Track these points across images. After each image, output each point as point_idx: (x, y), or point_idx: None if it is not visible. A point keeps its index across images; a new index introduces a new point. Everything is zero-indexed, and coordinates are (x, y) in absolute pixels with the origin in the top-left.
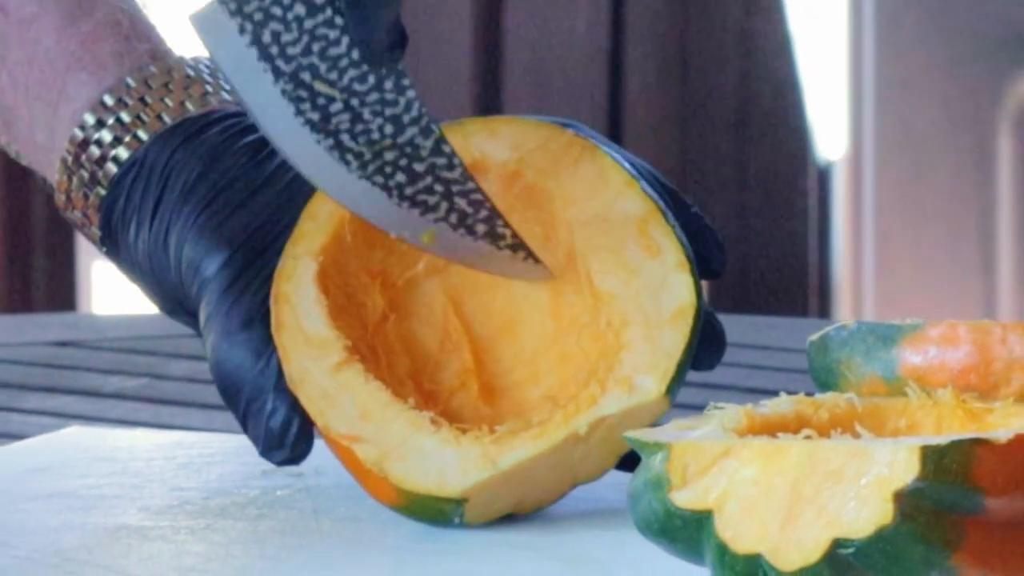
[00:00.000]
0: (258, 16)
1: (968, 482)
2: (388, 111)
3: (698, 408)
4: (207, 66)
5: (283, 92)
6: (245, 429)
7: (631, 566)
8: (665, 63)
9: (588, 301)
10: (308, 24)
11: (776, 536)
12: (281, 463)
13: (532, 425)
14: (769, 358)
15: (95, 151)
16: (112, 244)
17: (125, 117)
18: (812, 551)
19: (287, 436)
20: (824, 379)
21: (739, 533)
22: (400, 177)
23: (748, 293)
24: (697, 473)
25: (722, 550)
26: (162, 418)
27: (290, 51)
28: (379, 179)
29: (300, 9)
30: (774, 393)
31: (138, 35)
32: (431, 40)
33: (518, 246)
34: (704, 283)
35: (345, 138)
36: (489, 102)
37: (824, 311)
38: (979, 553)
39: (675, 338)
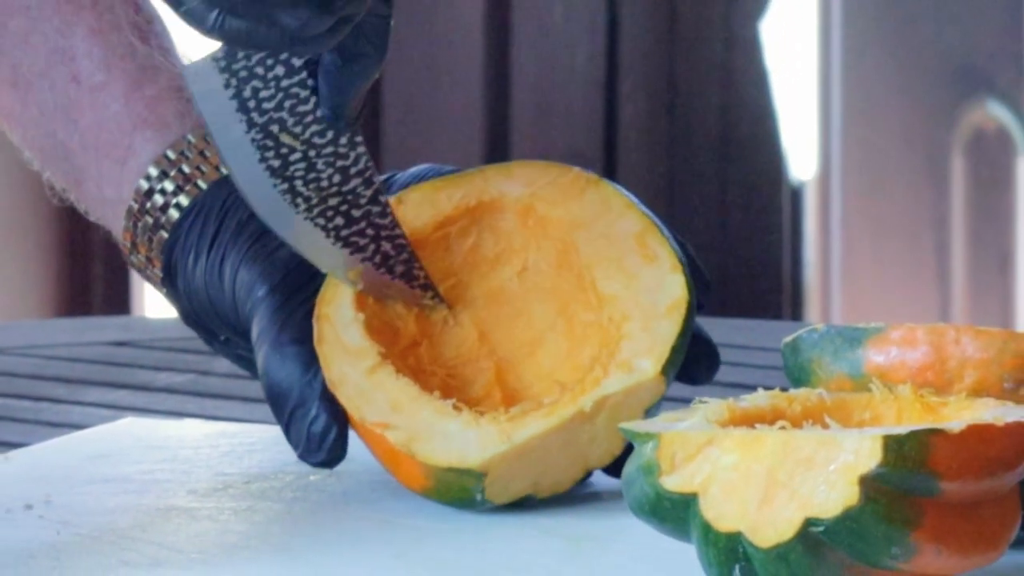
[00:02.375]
0: (243, 74)
1: (925, 468)
2: (339, 163)
3: (685, 402)
4: None
5: (252, 140)
6: (287, 433)
7: (626, 543)
8: (655, 94)
9: (593, 304)
10: (284, 83)
11: (754, 516)
12: (317, 465)
13: (543, 406)
14: (748, 357)
15: (159, 199)
16: (171, 282)
17: (186, 168)
18: (786, 529)
19: (326, 441)
20: (797, 376)
21: (721, 513)
22: (339, 220)
23: (729, 298)
24: (684, 460)
25: (706, 529)
26: (207, 410)
27: (265, 105)
28: (321, 221)
29: (279, 70)
30: (752, 388)
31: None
32: (447, 75)
33: (427, 286)
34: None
35: (298, 184)
36: (498, 129)
37: (796, 315)
38: (936, 531)
39: (670, 327)
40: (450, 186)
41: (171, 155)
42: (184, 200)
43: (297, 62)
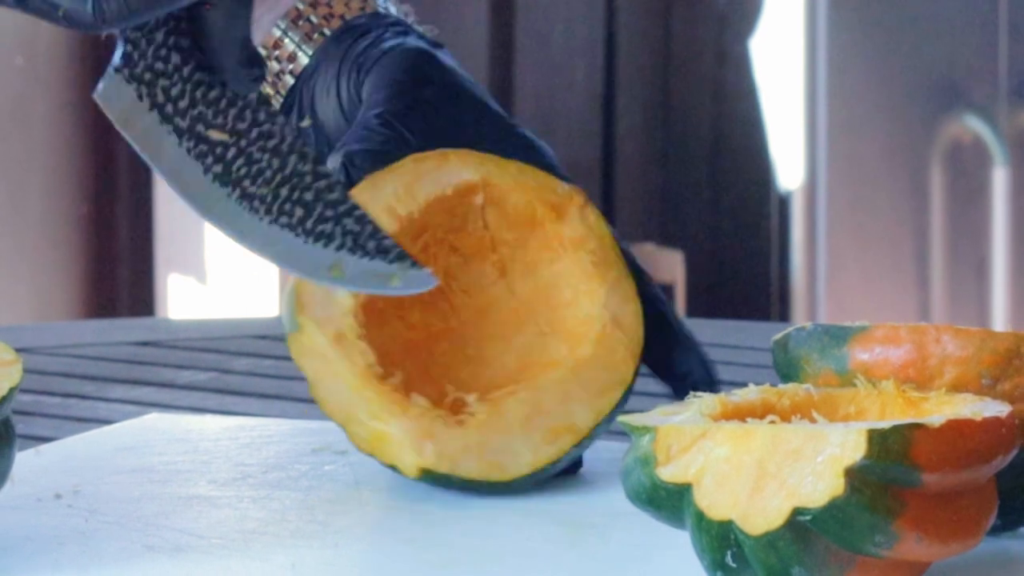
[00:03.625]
0: (148, 76)
1: (907, 460)
2: (269, 144)
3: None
4: None
5: (188, 151)
6: None
7: (624, 529)
8: (650, 107)
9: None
10: (185, 72)
11: (745, 505)
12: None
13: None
14: (739, 355)
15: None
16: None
17: (313, 19)
18: (775, 518)
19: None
20: (786, 372)
21: (714, 502)
22: (299, 212)
23: (721, 301)
24: (679, 452)
25: (700, 517)
26: (227, 406)
27: (181, 104)
28: (284, 219)
29: (176, 59)
30: (743, 384)
31: None
32: None
33: (403, 255)
34: (683, 289)
35: (247, 184)
36: None
37: (784, 315)
38: (916, 520)
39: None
40: (540, 181)
41: (300, 5)
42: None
43: (185, 42)
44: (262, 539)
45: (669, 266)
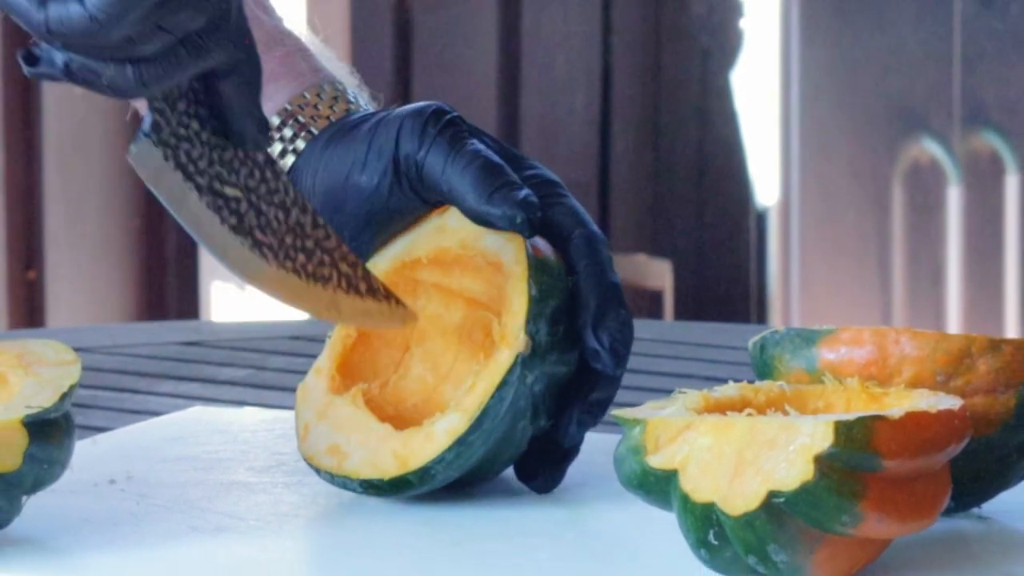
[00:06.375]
0: (172, 140)
1: (870, 448)
2: (276, 199)
3: (667, 392)
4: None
5: (207, 205)
6: (491, 199)
7: (617, 512)
8: (642, 132)
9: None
10: (204, 136)
11: (726, 489)
12: (521, 225)
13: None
14: (720, 355)
15: (289, 132)
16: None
17: (320, 107)
18: (752, 500)
19: (533, 204)
20: (762, 371)
21: (698, 487)
22: (301, 258)
23: (705, 305)
24: (666, 442)
25: (685, 499)
26: (264, 400)
27: (200, 164)
28: (289, 264)
29: (195, 125)
30: (724, 381)
31: (314, 60)
32: (465, 116)
33: (389, 295)
34: (671, 295)
35: (257, 233)
36: None
37: (762, 318)
38: (879, 502)
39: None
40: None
41: (307, 95)
42: (309, 136)
43: (203, 110)
44: (295, 521)
45: (659, 274)
